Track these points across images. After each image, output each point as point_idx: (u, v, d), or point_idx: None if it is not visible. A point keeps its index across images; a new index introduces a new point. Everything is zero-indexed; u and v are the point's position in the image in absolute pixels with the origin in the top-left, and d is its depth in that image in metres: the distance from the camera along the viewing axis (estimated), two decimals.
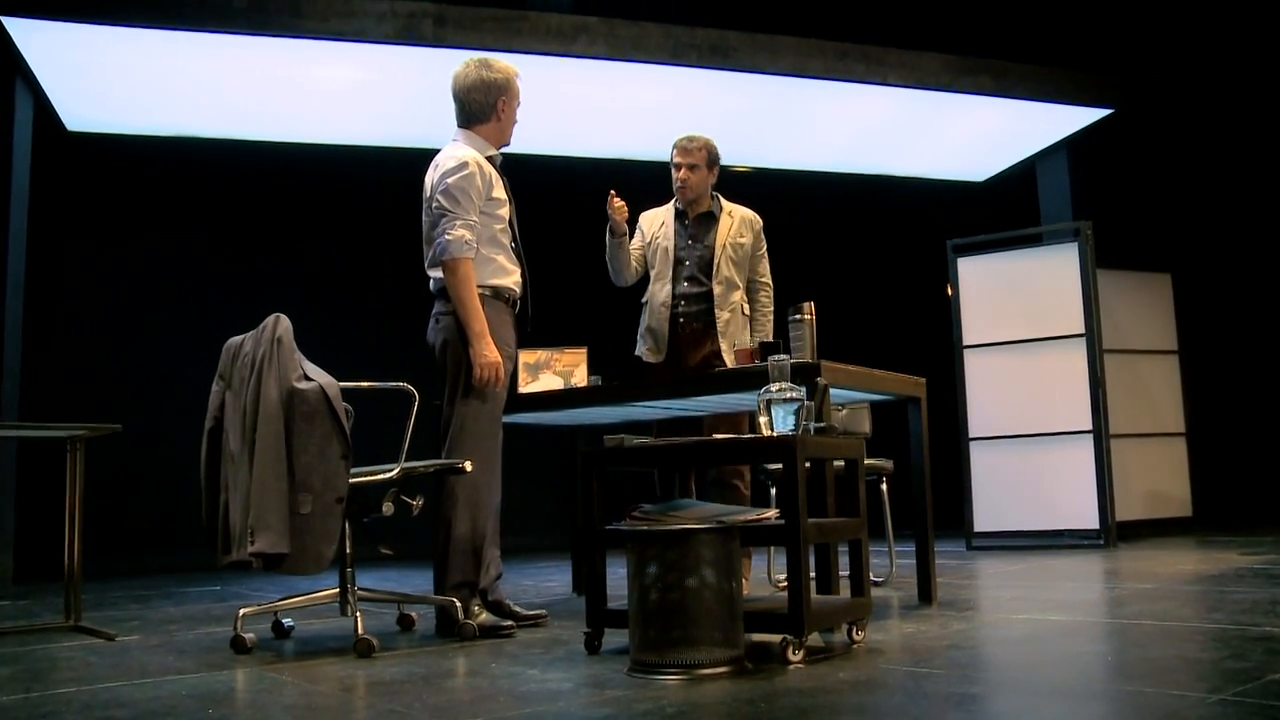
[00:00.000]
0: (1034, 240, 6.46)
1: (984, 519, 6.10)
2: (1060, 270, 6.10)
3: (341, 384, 2.72)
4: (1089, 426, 5.90)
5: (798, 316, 3.03)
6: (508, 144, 3.28)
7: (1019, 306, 6.18)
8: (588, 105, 6.36)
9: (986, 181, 8.01)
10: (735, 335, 3.79)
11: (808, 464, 2.45)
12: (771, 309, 3.93)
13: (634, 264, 3.96)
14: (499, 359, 3.02)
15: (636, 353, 3.96)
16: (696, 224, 3.94)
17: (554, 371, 3.70)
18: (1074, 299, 6.01)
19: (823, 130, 7.01)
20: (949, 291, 6.37)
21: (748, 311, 3.89)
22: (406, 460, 2.83)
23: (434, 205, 3.07)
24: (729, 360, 3.68)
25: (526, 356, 3.64)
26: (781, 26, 6.12)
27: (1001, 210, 7.57)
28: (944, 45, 6.44)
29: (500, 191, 3.16)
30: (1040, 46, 6.69)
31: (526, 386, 3.63)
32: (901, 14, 6.53)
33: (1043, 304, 6.12)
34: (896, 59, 6.31)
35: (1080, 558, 5.07)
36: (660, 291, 3.89)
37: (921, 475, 3.49)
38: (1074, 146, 7.28)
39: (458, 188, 3.03)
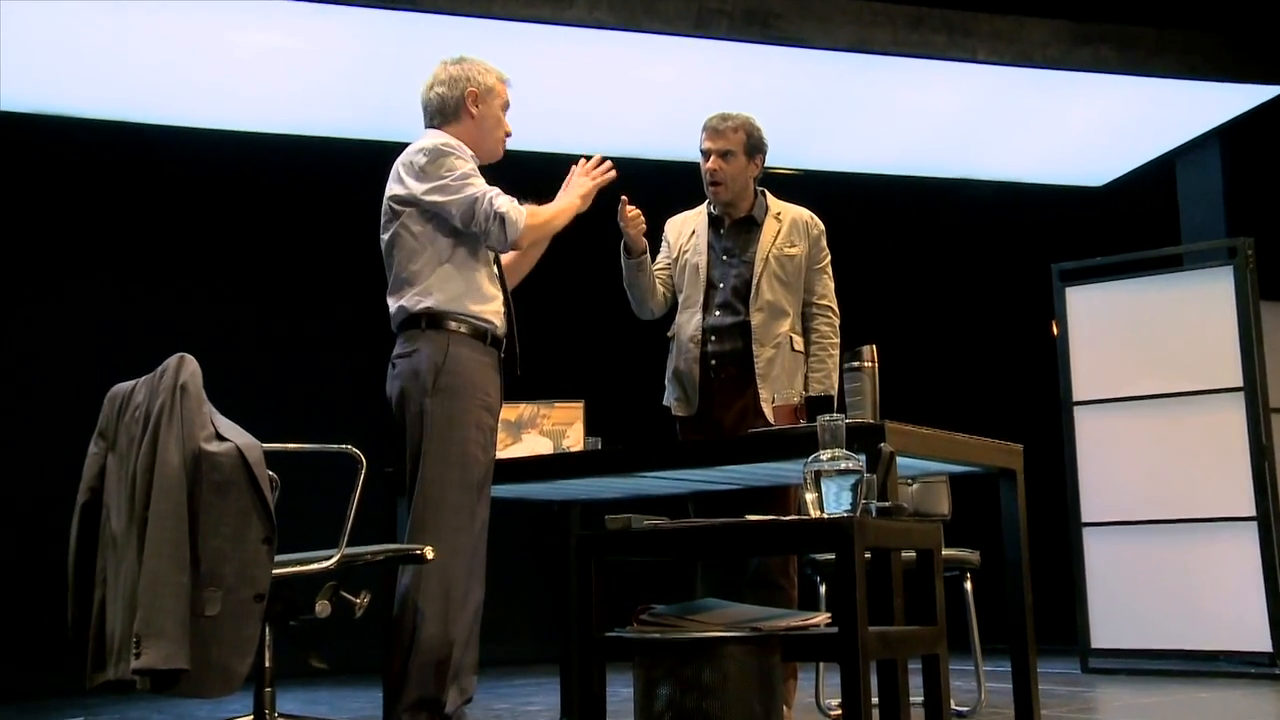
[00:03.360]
0: (1172, 263, 6.47)
1: (1105, 632, 6.06)
2: (1209, 303, 6.10)
3: (265, 445, 2.76)
4: (1251, 511, 5.85)
5: (856, 364, 3.07)
6: (495, 157, 3.46)
7: (1150, 351, 6.18)
8: (587, 89, 6.45)
9: (1107, 186, 8.07)
10: (781, 379, 3.78)
11: (868, 554, 2.47)
12: (836, 342, 3.92)
13: (660, 288, 3.98)
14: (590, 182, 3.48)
15: (665, 402, 3.98)
16: (734, 233, 3.95)
17: (541, 431, 3.73)
18: (1228, 341, 5.99)
19: (891, 121, 7.10)
20: (1054, 331, 6.40)
21: (800, 346, 3.89)
22: (348, 545, 2.86)
23: (428, 200, 3.21)
24: (769, 415, 3.65)
25: (507, 412, 3.66)
26: None
27: (1126, 224, 7.61)
28: (1051, 8, 6.49)
29: None
30: (1181, 5, 6.67)
31: (506, 450, 3.65)
32: None
33: (1184, 348, 6.11)
34: (988, 27, 6.38)
35: (1244, 690, 5.02)
36: (688, 324, 3.90)
37: (1019, 571, 3.50)
38: (1228, 138, 7.30)
39: (448, 167, 3.23)
